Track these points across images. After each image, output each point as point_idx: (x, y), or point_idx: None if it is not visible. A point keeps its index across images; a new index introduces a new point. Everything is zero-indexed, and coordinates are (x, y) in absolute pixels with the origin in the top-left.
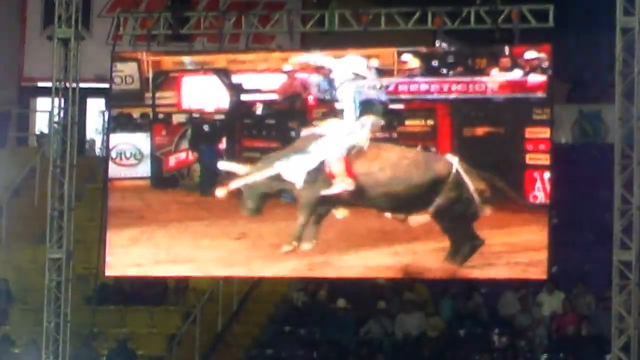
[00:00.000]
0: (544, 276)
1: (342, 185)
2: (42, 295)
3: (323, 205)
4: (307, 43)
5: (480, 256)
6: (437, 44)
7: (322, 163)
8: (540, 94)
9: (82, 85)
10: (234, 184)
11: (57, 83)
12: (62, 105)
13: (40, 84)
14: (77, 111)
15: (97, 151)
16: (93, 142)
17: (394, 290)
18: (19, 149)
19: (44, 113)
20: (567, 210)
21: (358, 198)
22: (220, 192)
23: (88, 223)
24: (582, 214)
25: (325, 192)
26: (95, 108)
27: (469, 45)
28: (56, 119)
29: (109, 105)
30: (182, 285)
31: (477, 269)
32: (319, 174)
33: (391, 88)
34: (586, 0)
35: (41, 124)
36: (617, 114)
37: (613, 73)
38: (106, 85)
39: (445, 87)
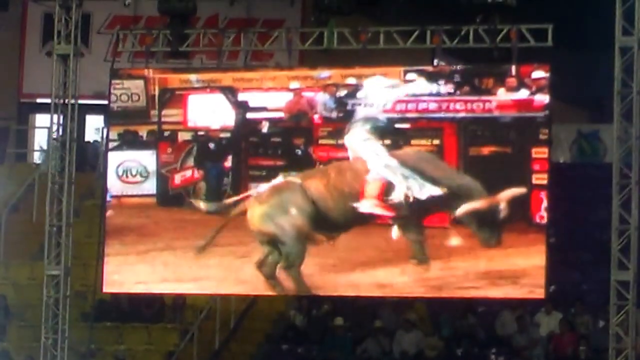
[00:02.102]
0: (542, 296)
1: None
2: (40, 312)
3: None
4: (305, 61)
5: (478, 276)
6: (436, 62)
7: None
8: (545, 114)
9: (81, 101)
10: None
11: (56, 99)
12: (61, 121)
13: (39, 100)
14: (75, 127)
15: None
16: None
17: (393, 308)
18: (17, 165)
19: (43, 129)
20: (565, 230)
21: None
22: None
23: (86, 239)
24: (580, 234)
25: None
26: (94, 124)
27: (466, 63)
28: (55, 135)
29: (107, 122)
30: (179, 302)
31: (475, 289)
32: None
33: (389, 107)
34: (585, 20)
35: (40, 140)
36: (615, 133)
37: (612, 93)
38: (105, 102)
39: (453, 106)
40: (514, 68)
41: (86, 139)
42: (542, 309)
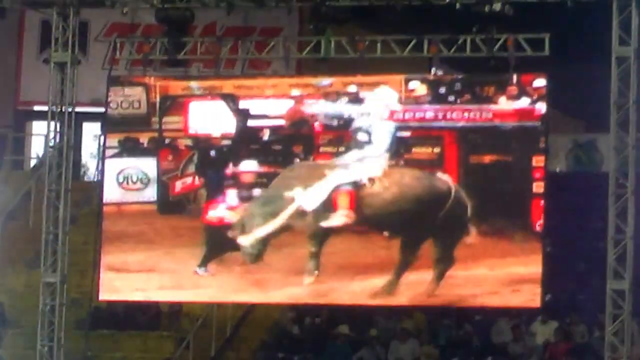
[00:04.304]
0: (537, 305)
1: (342, 218)
2: (36, 319)
3: (327, 235)
4: (302, 69)
5: (474, 284)
6: (433, 71)
7: (330, 194)
8: (542, 123)
9: (78, 109)
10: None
11: (53, 107)
12: (58, 129)
13: (37, 108)
14: (72, 135)
15: (91, 176)
16: (87, 167)
17: (390, 317)
18: (14, 173)
19: (40, 137)
20: (562, 239)
21: (361, 223)
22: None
23: (82, 247)
24: (576, 243)
25: (325, 223)
26: (91, 132)
27: (463, 72)
28: (52, 143)
29: (104, 130)
30: (175, 310)
31: (471, 297)
32: (324, 204)
33: (397, 116)
34: (582, 30)
35: (37, 147)
36: (611, 143)
37: (608, 102)
38: (102, 110)
39: (453, 115)
40: (514, 76)
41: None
42: (538, 318)
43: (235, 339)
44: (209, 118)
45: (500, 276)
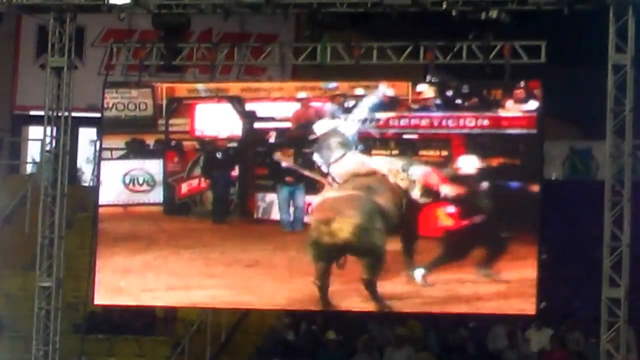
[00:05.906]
0: (532, 312)
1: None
2: (32, 323)
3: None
4: (298, 75)
5: (469, 290)
6: (428, 78)
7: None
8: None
9: (74, 114)
10: None
11: (50, 112)
12: (54, 134)
13: (33, 113)
14: (68, 140)
15: (87, 181)
16: (82, 172)
17: (385, 323)
18: (10, 177)
19: (36, 141)
20: (557, 246)
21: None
22: None
23: (78, 251)
24: (571, 250)
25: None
26: (87, 137)
27: (459, 79)
28: (48, 147)
29: (100, 134)
30: (170, 315)
31: (465, 303)
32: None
33: (382, 122)
34: (578, 37)
35: (33, 152)
36: (608, 150)
37: (604, 110)
38: (98, 115)
39: (460, 120)
40: (522, 82)
41: None
42: (533, 325)
43: (230, 344)
44: (216, 120)
45: (488, 281)
